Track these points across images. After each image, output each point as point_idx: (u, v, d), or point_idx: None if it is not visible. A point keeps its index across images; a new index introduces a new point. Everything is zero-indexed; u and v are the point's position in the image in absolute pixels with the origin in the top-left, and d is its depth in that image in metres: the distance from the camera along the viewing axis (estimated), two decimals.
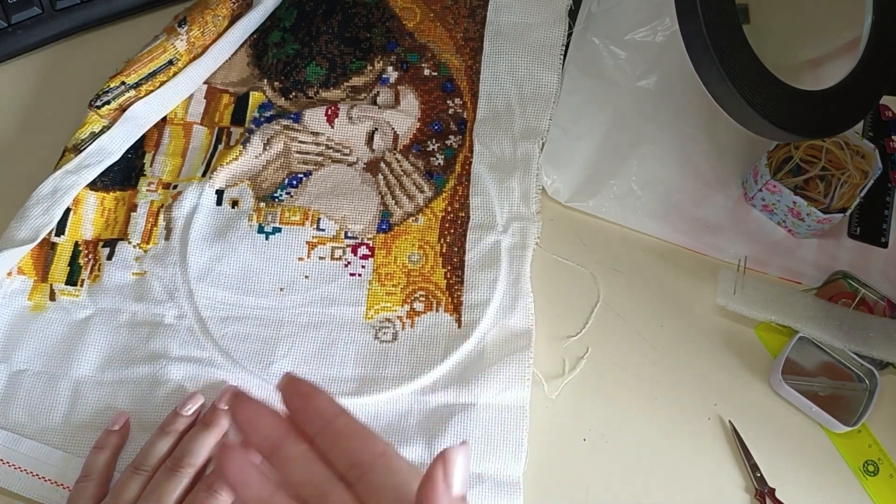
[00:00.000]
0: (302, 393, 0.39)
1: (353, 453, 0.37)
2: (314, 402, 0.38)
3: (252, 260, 0.57)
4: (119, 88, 0.58)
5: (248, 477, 0.38)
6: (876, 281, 0.56)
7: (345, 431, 0.37)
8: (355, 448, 0.37)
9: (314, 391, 0.39)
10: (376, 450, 0.37)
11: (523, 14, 0.63)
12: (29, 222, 0.55)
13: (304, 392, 0.39)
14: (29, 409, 0.53)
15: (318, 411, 0.38)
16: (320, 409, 0.38)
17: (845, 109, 0.52)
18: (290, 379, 0.39)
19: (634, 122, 0.60)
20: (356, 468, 0.37)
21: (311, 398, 0.38)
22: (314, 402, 0.38)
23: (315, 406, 0.38)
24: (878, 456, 0.52)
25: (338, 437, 0.37)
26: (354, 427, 0.38)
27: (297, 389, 0.39)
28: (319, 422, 0.38)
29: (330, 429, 0.38)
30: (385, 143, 0.60)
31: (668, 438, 0.53)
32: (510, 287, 0.55)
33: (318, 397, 0.38)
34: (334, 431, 0.38)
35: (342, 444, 0.37)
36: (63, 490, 0.50)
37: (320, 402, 0.38)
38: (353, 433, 0.38)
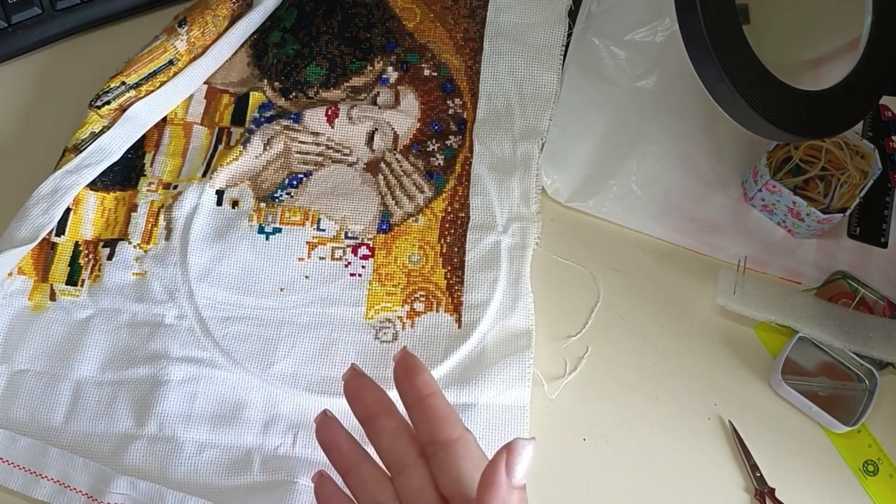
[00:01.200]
0: (408, 367, 0.44)
1: (434, 431, 0.41)
2: (415, 378, 0.43)
3: (252, 260, 0.57)
4: (119, 88, 0.58)
5: (339, 443, 0.45)
6: (876, 281, 0.56)
7: (432, 410, 0.42)
8: (437, 427, 0.41)
9: (418, 368, 0.44)
10: (454, 433, 0.41)
11: (523, 14, 0.63)
12: (29, 222, 0.55)
13: (409, 366, 0.44)
14: (30, 410, 0.53)
15: (415, 386, 0.43)
16: (417, 385, 0.43)
17: (845, 109, 0.52)
18: (405, 354, 0.45)
19: (634, 122, 0.60)
20: (433, 444, 0.41)
21: (413, 373, 0.43)
22: (415, 377, 0.43)
23: (414, 381, 0.43)
24: (878, 456, 0.52)
25: (425, 412, 0.42)
26: (442, 408, 0.42)
27: (405, 363, 0.44)
28: (414, 395, 0.43)
29: (421, 404, 0.42)
30: (385, 143, 0.60)
31: (668, 438, 0.53)
32: (510, 287, 0.55)
33: (420, 374, 0.43)
34: (424, 407, 0.42)
35: (427, 420, 0.42)
36: (70, 492, 0.50)
37: (419, 379, 0.43)
38: (440, 413, 0.42)
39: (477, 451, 0.41)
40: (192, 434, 0.52)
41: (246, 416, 0.53)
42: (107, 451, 0.52)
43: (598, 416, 0.53)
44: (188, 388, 0.53)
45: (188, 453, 0.51)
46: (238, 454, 0.52)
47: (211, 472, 0.51)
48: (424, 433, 0.42)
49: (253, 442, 0.52)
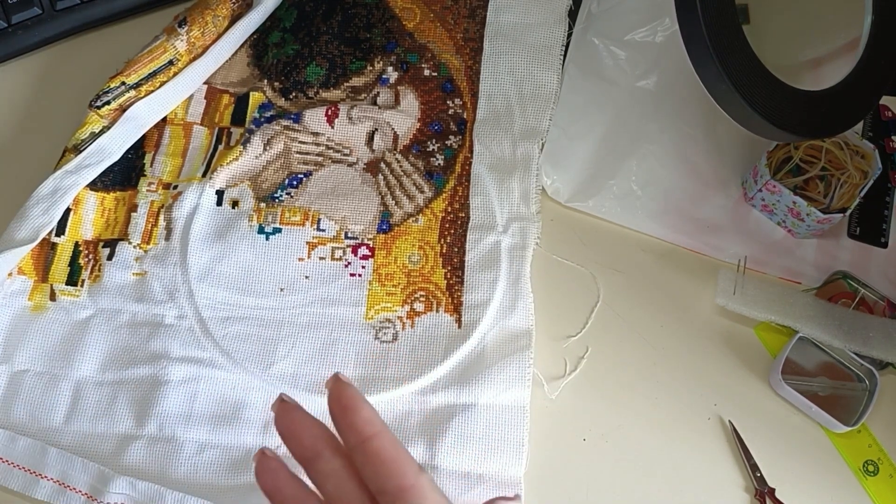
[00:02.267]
0: (344, 402, 0.38)
1: (381, 479, 0.36)
2: (353, 416, 0.37)
3: (252, 260, 0.57)
4: (119, 89, 0.58)
5: (281, 485, 0.39)
6: (876, 281, 0.56)
7: (378, 455, 0.37)
8: (385, 475, 0.36)
9: (356, 404, 0.38)
10: (405, 482, 0.36)
11: (523, 14, 0.63)
12: (29, 222, 0.55)
13: (345, 401, 0.38)
14: (30, 410, 0.53)
15: (354, 427, 0.37)
16: (356, 425, 0.37)
17: (845, 109, 0.52)
18: (338, 383, 0.38)
19: (634, 122, 0.60)
20: (384, 494, 0.36)
21: (350, 410, 0.37)
22: (353, 415, 0.37)
23: (352, 420, 0.37)
24: (878, 456, 0.52)
25: (369, 458, 0.37)
26: (389, 452, 0.37)
27: (338, 396, 0.38)
28: (354, 438, 0.37)
29: (363, 448, 0.37)
30: (385, 143, 0.60)
31: (668, 438, 0.53)
32: (510, 287, 0.55)
33: (358, 412, 0.37)
34: (366, 452, 0.37)
35: (373, 468, 0.37)
36: (70, 492, 0.50)
37: (358, 418, 0.37)
38: (386, 458, 0.37)
39: (434, 496, 0.37)
40: (192, 434, 0.52)
41: (246, 417, 0.53)
42: (107, 451, 0.52)
43: (598, 416, 0.53)
44: (188, 388, 0.53)
45: (188, 453, 0.51)
46: (238, 454, 0.52)
47: (211, 472, 0.51)
48: (372, 481, 0.37)
49: (253, 442, 0.52)
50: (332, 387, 0.39)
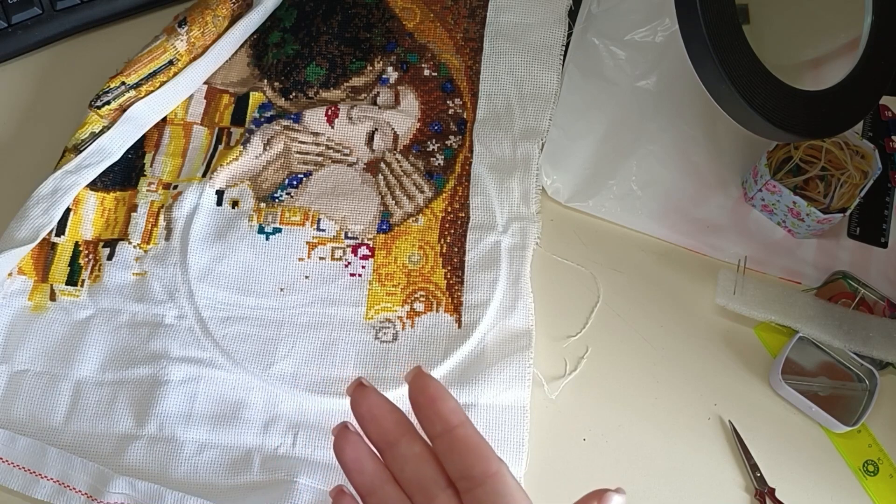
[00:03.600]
0: (430, 393, 0.40)
1: (467, 465, 0.38)
2: (440, 406, 0.39)
3: (252, 260, 0.57)
4: (119, 89, 0.58)
5: (363, 462, 0.41)
6: (876, 281, 0.56)
7: (464, 442, 0.38)
8: (470, 461, 0.38)
9: (443, 394, 0.39)
10: (490, 468, 0.38)
11: (523, 14, 0.63)
12: (29, 222, 0.55)
13: (431, 393, 0.39)
14: (30, 410, 0.53)
15: (442, 415, 0.39)
16: (444, 414, 0.39)
17: (845, 109, 0.52)
18: (421, 375, 0.40)
19: (634, 122, 0.60)
20: (467, 480, 0.38)
21: (438, 400, 0.39)
22: (441, 405, 0.39)
23: (439, 409, 0.39)
24: (878, 456, 0.52)
25: (455, 444, 0.39)
26: (473, 440, 0.39)
27: (424, 387, 0.40)
28: (441, 426, 0.39)
29: (450, 435, 0.39)
30: (385, 143, 0.60)
31: (668, 438, 0.53)
32: (510, 287, 0.55)
33: (445, 401, 0.39)
34: (453, 439, 0.39)
35: (458, 454, 0.38)
36: (70, 491, 0.50)
37: (445, 407, 0.39)
38: (470, 447, 0.38)
39: (513, 484, 0.39)
40: (191, 434, 0.52)
41: (246, 416, 0.53)
42: (107, 451, 0.52)
43: (598, 416, 0.53)
44: (188, 388, 0.53)
45: (188, 453, 0.51)
46: (238, 454, 0.52)
47: (211, 472, 0.51)
48: (456, 467, 0.39)
49: (253, 442, 0.52)
50: (416, 378, 0.40)
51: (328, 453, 0.52)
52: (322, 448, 0.52)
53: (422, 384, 0.40)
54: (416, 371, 0.41)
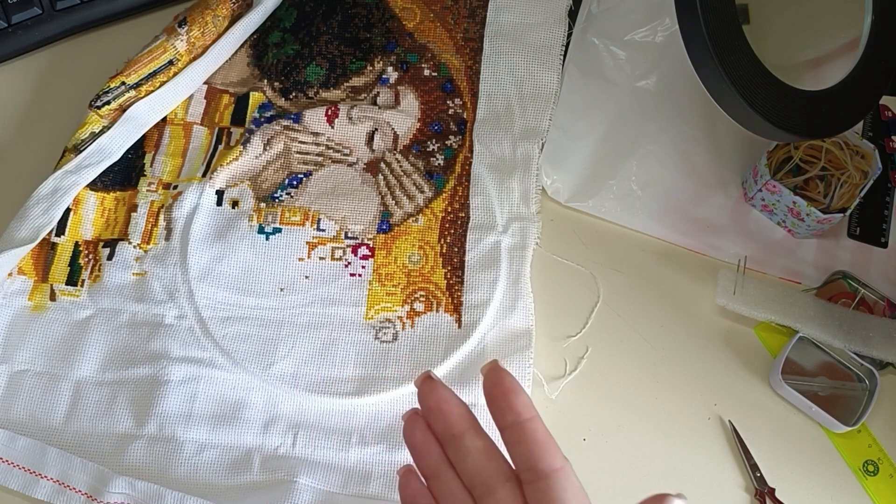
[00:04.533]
0: (505, 386, 0.41)
1: (534, 458, 0.39)
2: (513, 398, 0.41)
3: (252, 260, 0.57)
4: (119, 89, 0.58)
5: (430, 447, 0.43)
6: (876, 281, 0.56)
7: (532, 435, 0.40)
8: (538, 454, 0.40)
9: (517, 388, 0.41)
10: (556, 463, 0.39)
11: (523, 14, 0.63)
12: (29, 222, 0.55)
13: (506, 386, 0.41)
14: (30, 410, 0.53)
15: (514, 408, 0.41)
16: (516, 407, 0.41)
17: (845, 109, 0.52)
18: (497, 369, 0.42)
19: (634, 122, 0.60)
20: (532, 472, 0.39)
21: (512, 393, 0.41)
22: (514, 398, 0.41)
23: (513, 402, 0.41)
24: (878, 456, 0.52)
25: (524, 437, 0.40)
26: (542, 435, 0.40)
27: (499, 380, 0.41)
28: (512, 418, 0.41)
29: (520, 427, 0.40)
30: (385, 143, 0.60)
31: (668, 438, 0.53)
32: (510, 287, 0.55)
33: (520, 395, 0.41)
34: (523, 431, 0.40)
35: (526, 446, 0.40)
36: (70, 491, 0.50)
37: (519, 401, 0.41)
38: (539, 441, 0.40)
39: (576, 482, 0.40)
40: (191, 434, 0.52)
41: (246, 416, 0.53)
42: (107, 451, 0.52)
43: (598, 416, 0.53)
44: (188, 388, 0.53)
45: (188, 453, 0.51)
46: (238, 454, 0.52)
47: (211, 471, 0.51)
48: (523, 458, 0.40)
49: (253, 442, 0.52)
50: (491, 371, 0.42)
51: (328, 453, 0.52)
52: (322, 448, 0.52)
53: (497, 377, 0.42)
54: (492, 364, 0.42)
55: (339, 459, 0.52)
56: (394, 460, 0.51)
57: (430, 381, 0.43)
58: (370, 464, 0.52)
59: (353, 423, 0.53)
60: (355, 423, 0.53)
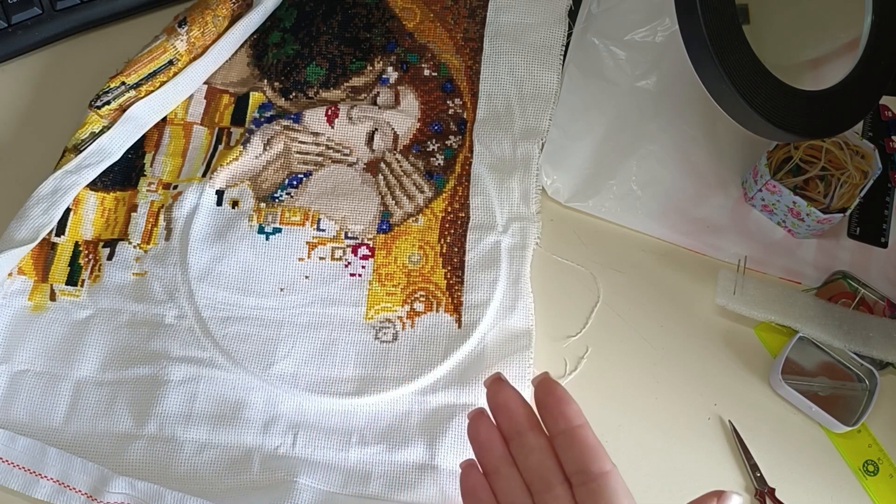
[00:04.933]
0: (557, 395, 0.44)
1: (586, 462, 0.42)
2: (565, 407, 0.44)
3: (252, 260, 0.57)
4: (119, 89, 0.58)
5: (493, 443, 0.45)
6: (876, 281, 0.56)
7: (583, 441, 0.43)
8: (589, 458, 0.42)
9: (568, 398, 0.44)
10: (606, 466, 0.42)
11: (523, 14, 0.63)
12: (29, 222, 0.55)
13: (559, 394, 0.44)
14: (30, 410, 0.53)
15: (566, 415, 0.44)
16: (568, 415, 0.44)
17: (845, 109, 0.52)
18: (549, 381, 0.45)
19: (634, 122, 0.60)
20: (583, 475, 0.42)
21: (564, 402, 0.44)
22: (566, 406, 0.44)
23: (565, 410, 0.44)
24: (878, 456, 0.52)
25: (576, 441, 0.43)
26: (592, 441, 0.43)
27: (552, 390, 0.44)
28: (564, 424, 0.43)
29: (572, 433, 0.43)
30: (385, 143, 0.60)
31: (668, 438, 0.53)
32: (510, 287, 0.55)
33: (571, 404, 0.44)
34: (574, 436, 0.43)
35: (578, 450, 0.43)
36: (70, 491, 0.50)
37: (570, 409, 0.44)
38: (590, 445, 0.43)
39: (624, 484, 0.42)
40: (191, 434, 0.52)
41: (246, 416, 0.53)
42: (107, 451, 0.52)
43: (598, 416, 0.53)
44: (188, 388, 0.53)
45: (188, 453, 0.51)
46: (238, 454, 0.52)
47: (211, 472, 0.51)
48: (574, 462, 0.43)
49: (253, 442, 0.52)
50: (544, 382, 0.45)
51: (328, 453, 0.52)
52: (322, 448, 0.52)
53: (550, 387, 0.44)
54: (543, 376, 0.45)
55: (339, 459, 0.52)
56: (394, 460, 0.51)
57: (500, 382, 0.46)
58: (370, 464, 0.51)
59: (352, 423, 0.53)
60: (355, 423, 0.53)
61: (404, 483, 0.51)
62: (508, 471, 0.44)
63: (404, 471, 0.51)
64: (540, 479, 0.43)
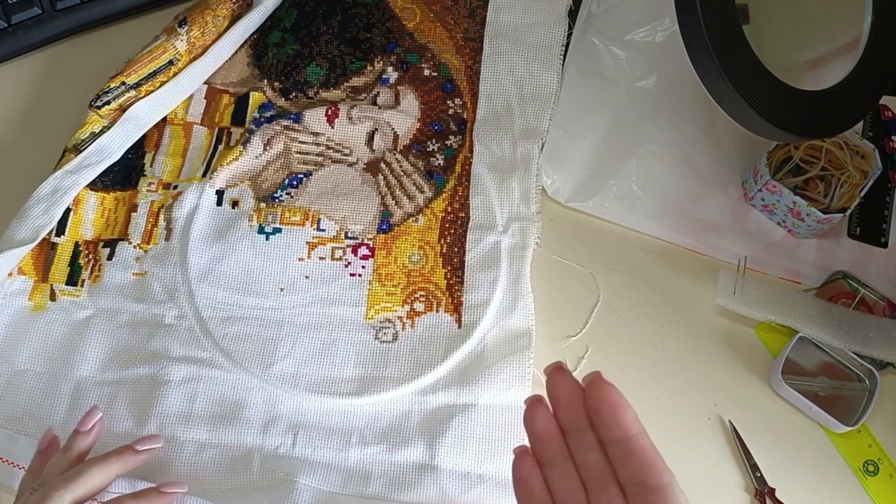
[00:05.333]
0: (613, 401, 0.40)
1: (642, 474, 0.39)
2: (622, 414, 0.40)
3: (252, 260, 0.57)
4: (119, 89, 0.58)
5: (552, 436, 0.42)
6: (876, 281, 0.56)
7: (641, 451, 0.40)
8: (645, 469, 0.39)
9: (624, 404, 0.41)
10: (663, 479, 0.39)
11: (523, 14, 0.63)
12: (29, 222, 0.55)
13: (614, 401, 0.40)
14: (30, 409, 0.53)
15: (622, 423, 0.40)
16: (625, 423, 0.40)
17: (845, 109, 0.52)
18: (603, 383, 0.41)
19: (634, 122, 0.60)
20: (640, 487, 0.39)
21: (620, 409, 0.40)
22: (622, 413, 0.40)
23: (621, 418, 0.40)
24: (878, 456, 0.52)
25: (633, 453, 0.40)
26: (650, 451, 0.40)
27: (608, 396, 0.41)
28: (620, 433, 0.40)
29: (628, 443, 0.40)
30: (385, 143, 0.60)
31: (668, 438, 0.53)
32: (510, 287, 0.55)
33: (627, 411, 0.40)
34: (631, 447, 0.40)
35: (635, 461, 0.40)
36: None
37: (626, 416, 0.40)
38: (648, 456, 0.40)
39: (682, 496, 0.40)
40: (191, 434, 0.52)
41: (246, 416, 0.53)
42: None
43: None
44: (188, 388, 0.53)
45: (188, 453, 0.51)
46: (238, 454, 0.52)
47: (211, 472, 0.51)
48: (630, 473, 0.40)
49: (253, 442, 0.52)
50: (595, 385, 0.41)
51: (328, 453, 0.52)
52: (322, 448, 0.52)
53: (602, 392, 0.41)
54: (594, 376, 0.41)
55: (339, 459, 0.52)
56: (393, 460, 0.51)
57: (560, 372, 0.43)
58: (370, 464, 0.51)
59: (352, 424, 0.53)
60: (355, 423, 0.53)
61: (404, 483, 0.51)
62: (565, 465, 0.42)
63: (404, 471, 0.51)
64: (598, 478, 0.41)
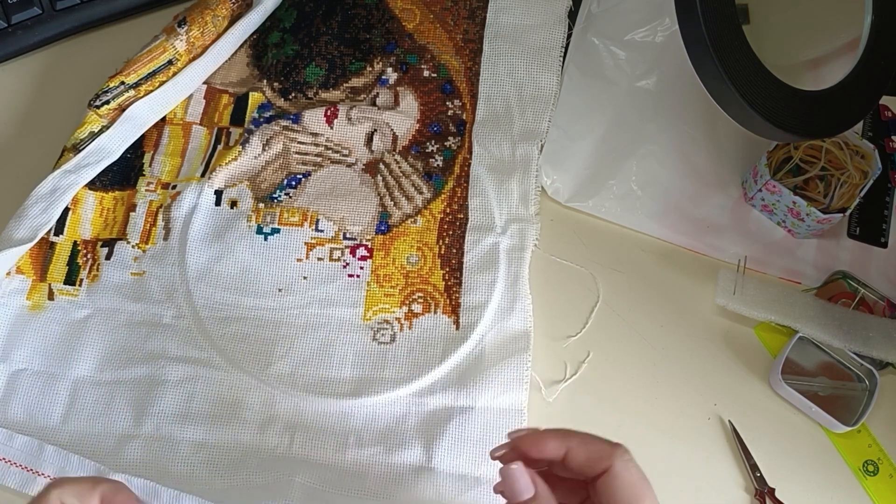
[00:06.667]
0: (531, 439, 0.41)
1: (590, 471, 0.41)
2: (543, 445, 0.41)
3: (251, 260, 0.56)
4: (118, 88, 0.58)
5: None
6: (876, 281, 0.56)
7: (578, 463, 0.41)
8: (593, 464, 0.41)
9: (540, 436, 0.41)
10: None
11: (523, 16, 0.63)
12: (27, 221, 0.55)
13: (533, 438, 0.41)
14: (28, 409, 0.53)
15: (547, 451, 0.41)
16: (548, 450, 0.41)
17: (845, 109, 0.52)
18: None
19: (634, 122, 0.60)
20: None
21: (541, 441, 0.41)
22: (543, 445, 0.41)
23: (543, 447, 0.41)
24: (878, 456, 0.52)
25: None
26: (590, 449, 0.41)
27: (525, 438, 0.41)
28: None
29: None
30: (384, 144, 0.60)
31: (668, 439, 0.53)
32: (509, 289, 0.55)
33: (546, 441, 0.41)
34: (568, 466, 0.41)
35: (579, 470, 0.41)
36: None
37: (548, 445, 0.41)
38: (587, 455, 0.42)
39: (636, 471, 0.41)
40: (188, 434, 0.52)
41: (243, 417, 0.52)
42: (104, 450, 0.52)
43: (598, 417, 0.53)
44: (185, 388, 0.53)
45: (185, 453, 0.51)
46: (235, 454, 0.52)
47: (207, 471, 0.51)
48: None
49: (250, 442, 0.52)
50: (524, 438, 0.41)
51: (325, 454, 0.51)
52: (319, 449, 0.52)
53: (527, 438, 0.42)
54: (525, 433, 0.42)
55: (336, 460, 0.51)
56: (391, 462, 0.51)
57: (532, 436, 0.42)
58: (367, 465, 0.51)
59: (350, 425, 0.52)
60: (352, 424, 0.52)
61: (401, 485, 0.51)
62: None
63: (401, 472, 0.51)
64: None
